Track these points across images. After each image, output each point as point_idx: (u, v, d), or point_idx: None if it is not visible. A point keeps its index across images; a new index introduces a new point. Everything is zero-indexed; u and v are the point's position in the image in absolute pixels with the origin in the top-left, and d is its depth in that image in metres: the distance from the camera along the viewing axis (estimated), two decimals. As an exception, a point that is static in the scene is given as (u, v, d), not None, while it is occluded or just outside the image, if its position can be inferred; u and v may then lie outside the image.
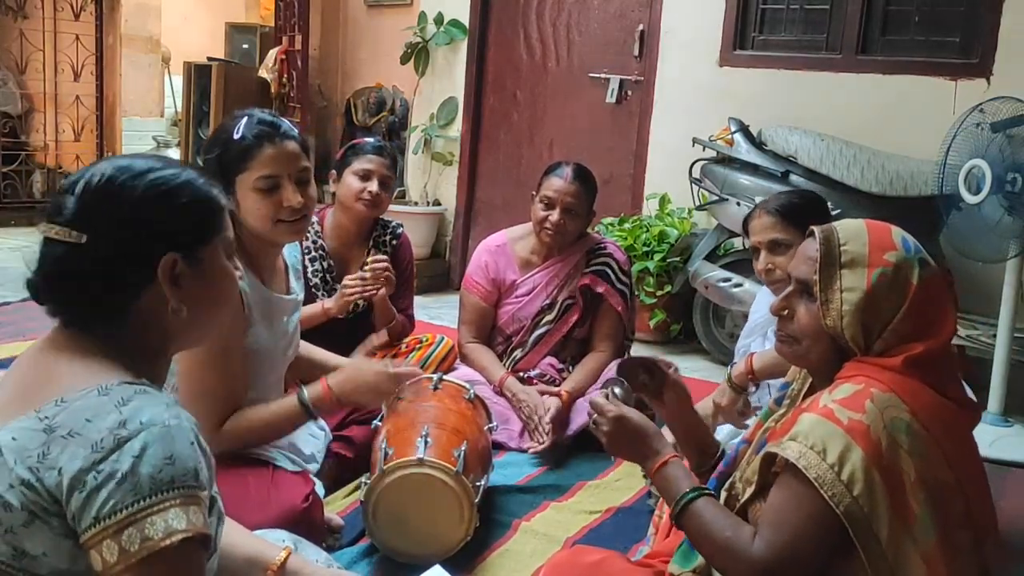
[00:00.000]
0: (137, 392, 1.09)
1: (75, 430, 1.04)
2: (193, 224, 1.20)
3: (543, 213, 2.99)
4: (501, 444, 2.84)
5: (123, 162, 1.19)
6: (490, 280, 3.10)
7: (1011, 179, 3.08)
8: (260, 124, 2.00)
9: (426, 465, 2.02)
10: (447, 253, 5.51)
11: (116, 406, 1.06)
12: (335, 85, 6.13)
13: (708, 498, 1.46)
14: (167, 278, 1.16)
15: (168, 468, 1.04)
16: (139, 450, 1.03)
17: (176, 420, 1.08)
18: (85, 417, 1.05)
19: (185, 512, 1.04)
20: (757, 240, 2.41)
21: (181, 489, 1.04)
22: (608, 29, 4.92)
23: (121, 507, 1.02)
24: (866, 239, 1.44)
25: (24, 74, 6.49)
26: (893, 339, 1.39)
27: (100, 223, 1.13)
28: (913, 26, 4.10)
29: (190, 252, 1.18)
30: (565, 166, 3.04)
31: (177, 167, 1.22)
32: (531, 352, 3.09)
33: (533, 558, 2.18)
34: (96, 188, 1.15)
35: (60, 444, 1.04)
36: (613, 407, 1.56)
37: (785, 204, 2.40)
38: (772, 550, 1.32)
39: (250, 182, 1.97)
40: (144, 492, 1.02)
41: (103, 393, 1.08)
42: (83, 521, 1.03)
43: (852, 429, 1.31)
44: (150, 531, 1.02)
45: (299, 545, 1.64)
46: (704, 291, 4.05)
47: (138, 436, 1.04)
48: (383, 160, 2.97)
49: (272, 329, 2.09)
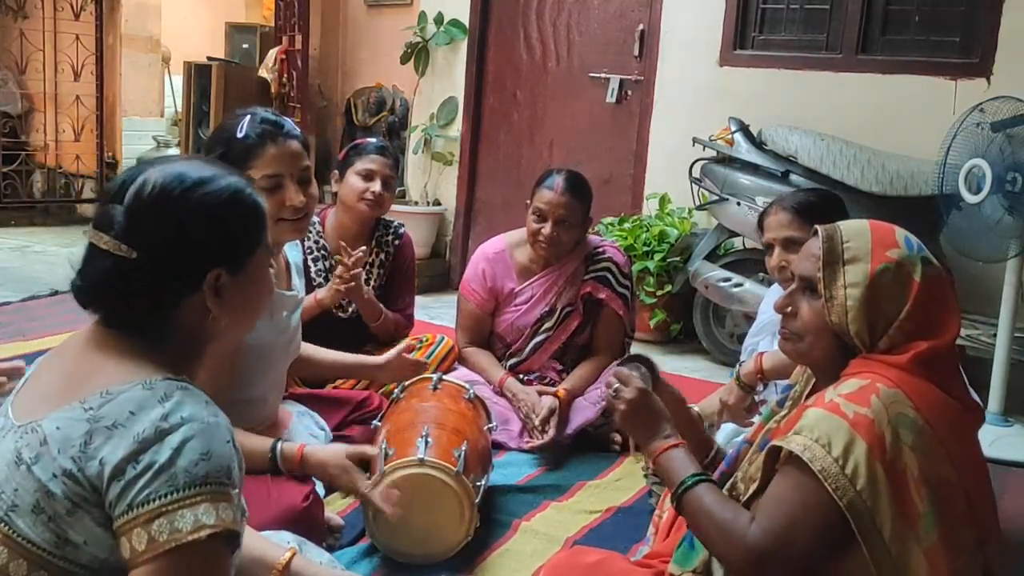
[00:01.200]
0: (179, 388, 1.11)
1: (119, 422, 1.07)
2: (242, 237, 1.21)
3: (536, 226, 2.94)
4: (501, 444, 2.84)
5: (174, 170, 1.18)
6: (487, 289, 3.07)
7: (1011, 179, 3.08)
8: (263, 123, 2.00)
9: (427, 465, 2.02)
10: (447, 253, 5.51)
11: (160, 400, 1.08)
12: (335, 85, 6.13)
13: (710, 484, 1.47)
14: (212, 291, 1.17)
15: (204, 463, 1.06)
16: (178, 443, 1.06)
17: (215, 418, 1.11)
18: (129, 409, 1.07)
19: (215, 508, 1.06)
20: (772, 237, 2.38)
21: (214, 485, 1.07)
22: (608, 29, 4.92)
23: (155, 496, 1.04)
24: (869, 237, 1.45)
25: (24, 74, 6.50)
26: (898, 336, 1.40)
27: (151, 240, 1.14)
28: (913, 26, 4.10)
29: (237, 263, 1.20)
30: (556, 175, 2.96)
31: (226, 174, 1.22)
32: (530, 359, 3.07)
33: (533, 558, 2.18)
34: (148, 201, 1.15)
35: (103, 435, 1.06)
36: (639, 381, 1.59)
37: (802, 202, 2.38)
38: (767, 535, 1.33)
39: (260, 175, 1.97)
40: (178, 485, 1.04)
41: (147, 387, 1.10)
42: (118, 508, 1.05)
43: (857, 423, 1.32)
44: (179, 523, 1.04)
45: (303, 547, 1.64)
46: (704, 291, 4.05)
47: (178, 430, 1.06)
48: (386, 160, 2.98)
49: (272, 323, 2.09)
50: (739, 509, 1.42)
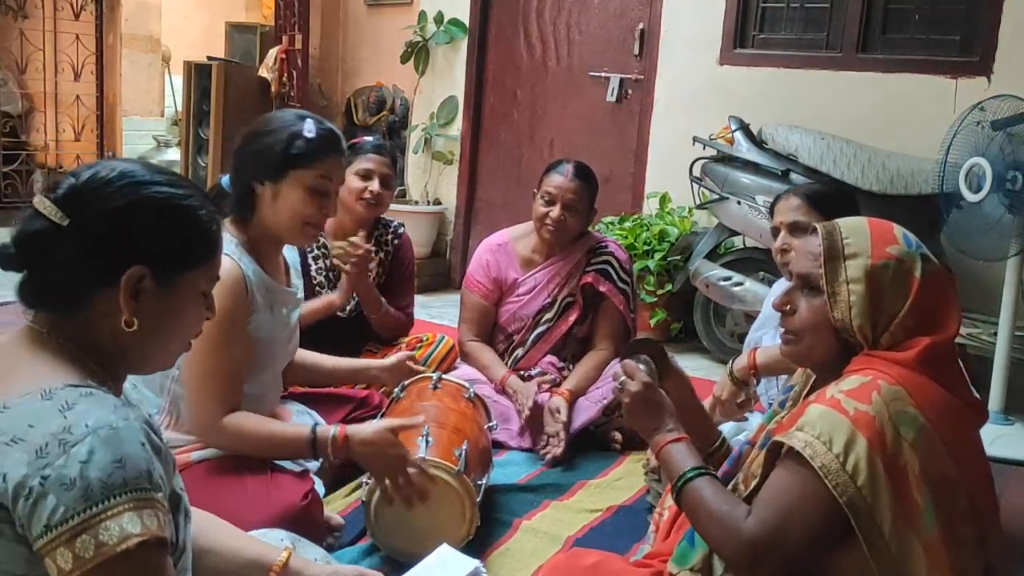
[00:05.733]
0: (82, 395, 1.06)
1: (18, 436, 1.02)
2: (178, 247, 1.17)
3: (543, 209, 3.00)
4: (501, 443, 2.84)
5: (134, 167, 1.17)
6: (491, 279, 3.11)
7: (1011, 177, 3.08)
8: (328, 130, 2.10)
9: (428, 464, 2.02)
10: (447, 252, 5.51)
11: (60, 411, 1.04)
12: (335, 84, 6.13)
13: (709, 477, 1.47)
14: (127, 288, 1.13)
15: (119, 471, 1.02)
16: (86, 455, 1.01)
17: (124, 421, 1.05)
18: (27, 423, 1.03)
19: (139, 516, 1.02)
20: (780, 220, 2.44)
21: (134, 492, 1.02)
22: (608, 28, 4.92)
23: (72, 514, 0.99)
24: (868, 233, 1.46)
25: (24, 74, 6.49)
26: (900, 332, 1.41)
27: (86, 212, 1.12)
28: (913, 24, 4.10)
29: (165, 273, 1.16)
30: (566, 163, 3.05)
31: (190, 190, 1.20)
32: (532, 350, 3.09)
33: (534, 557, 2.18)
34: (98, 180, 1.14)
35: (3, 451, 1.01)
36: (646, 375, 1.60)
37: (815, 190, 2.47)
38: (763, 527, 1.34)
39: (308, 179, 2.03)
40: (96, 498, 1.00)
41: (46, 398, 1.05)
42: (33, 529, 1.00)
43: (858, 420, 1.32)
44: (104, 536, 1.00)
45: (298, 544, 1.64)
46: (705, 290, 4.05)
47: (84, 440, 1.01)
48: (383, 159, 2.98)
49: (273, 317, 2.10)
50: (737, 502, 1.42)
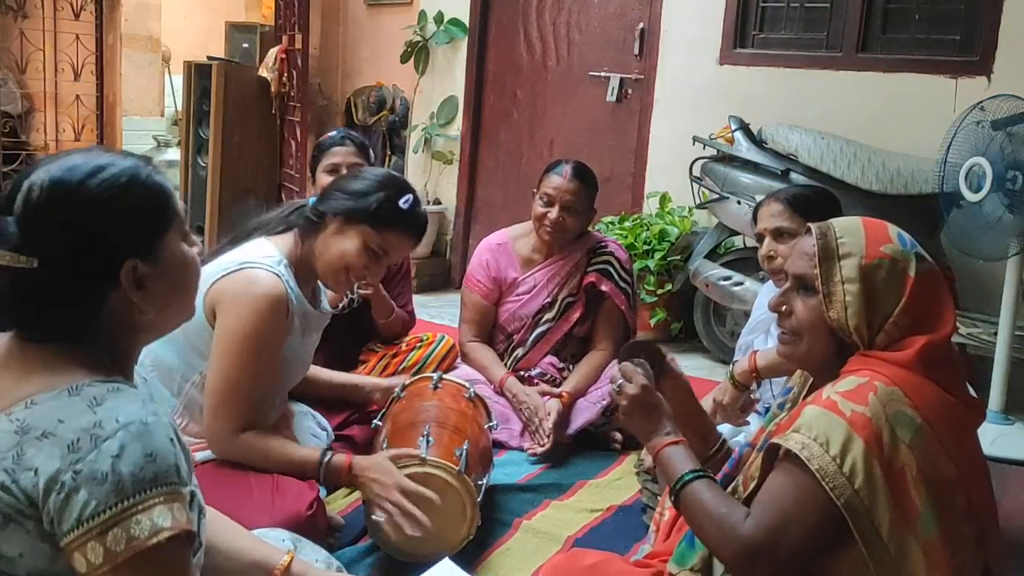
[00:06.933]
0: (110, 391, 1.07)
1: (48, 431, 1.02)
2: (147, 223, 1.13)
3: (542, 210, 3.00)
4: (502, 443, 2.84)
5: (64, 165, 1.10)
6: (491, 278, 3.11)
7: (1012, 177, 3.08)
8: (420, 215, 2.15)
9: (428, 464, 2.02)
10: (447, 252, 5.51)
11: (89, 406, 1.04)
12: (335, 84, 6.13)
13: (707, 480, 1.47)
14: (131, 284, 1.11)
15: (150, 466, 1.02)
16: (118, 449, 1.01)
17: (154, 416, 1.06)
18: (57, 418, 1.03)
19: (170, 509, 1.03)
20: (763, 227, 2.45)
21: (165, 486, 1.03)
22: (608, 28, 4.92)
23: (104, 508, 1.00)
24: (862, 232, 1.46)
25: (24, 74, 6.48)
26: (895, 332, 1.41)
27: (48, 243, 1.06)
28: (913, 24, 4.09)
29: (149, 250, 1.13)
30: (565, 164, 3.05)
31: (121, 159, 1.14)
32: (532, 350, 3.09)
33: (534, 557, 2.19)
34: (37, 205, 1.07)
35: (35, 445, 1.02)
36: (643, 378, 1.60)
37: (796, 195, 2.46)
38: (761, 529, 1.34)
39: (373, 240, 2.06)
40: (128, 492, 1.01)
41: (73, 393, 1.05)
42: (64, 523, 1.01)
43: (854, 421, 1.32)
44: (136, 530, 1.01)
45: (299, 544, 1.64)
46: (705, 289, 4.05)
47: (115, 435, 1.02)
48: (348, 148, 2.96)
49: (303, 341, 2.13)
50: (735, 504, 1.42)
